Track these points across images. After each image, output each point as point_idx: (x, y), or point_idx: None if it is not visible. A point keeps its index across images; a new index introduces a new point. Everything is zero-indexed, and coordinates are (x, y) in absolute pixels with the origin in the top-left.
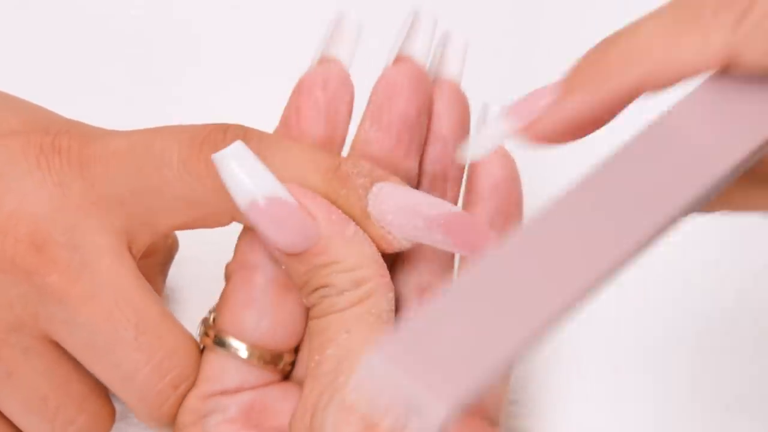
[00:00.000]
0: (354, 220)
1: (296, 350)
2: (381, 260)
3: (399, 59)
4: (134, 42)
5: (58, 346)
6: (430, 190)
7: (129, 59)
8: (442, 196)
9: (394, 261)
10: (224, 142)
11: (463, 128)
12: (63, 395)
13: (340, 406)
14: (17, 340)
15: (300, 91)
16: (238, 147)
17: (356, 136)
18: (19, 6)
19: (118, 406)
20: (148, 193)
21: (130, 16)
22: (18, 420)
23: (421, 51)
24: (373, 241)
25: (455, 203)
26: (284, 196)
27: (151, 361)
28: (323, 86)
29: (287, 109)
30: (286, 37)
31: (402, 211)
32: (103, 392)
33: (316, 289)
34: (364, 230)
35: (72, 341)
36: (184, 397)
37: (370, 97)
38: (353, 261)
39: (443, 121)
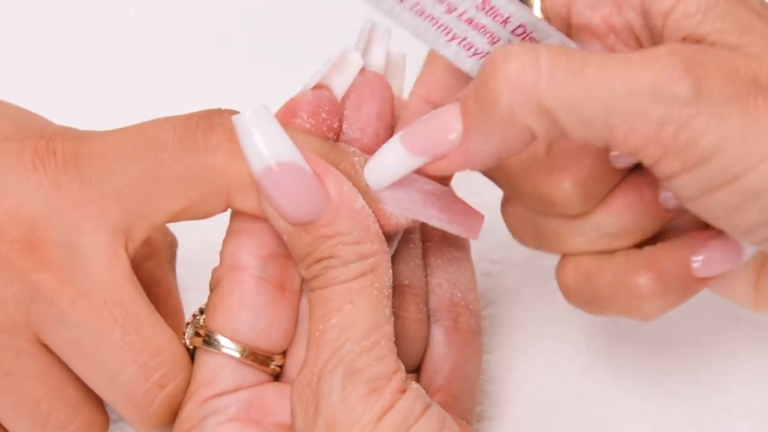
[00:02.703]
0: None
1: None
2: (383, 237)
3: (362, 72)
4: (133, 42)
5: (51, 350)
6: None
7: (128, 59)
8: None
9: None
10: (221, 118)
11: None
12: (56, 400)
13: (348, 371)
14: (10, 341)
15: (290, 113)
16: (259, 109)
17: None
18: (19, 6)
19: (113, 411)
20: (145, 181)
21: (129, 16)
22: (9, 424)
23: (377, 61)
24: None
25: None
26: (300, 163)
27: (138, 360)
28: (313, 111)
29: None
30: (286, 38)
31: (400, 187)
32: (97, 399)
33: (320, 260)
34: None
35: (60, 341)
36: (172, 397)
37: (342, 103)
38: (359, 234)
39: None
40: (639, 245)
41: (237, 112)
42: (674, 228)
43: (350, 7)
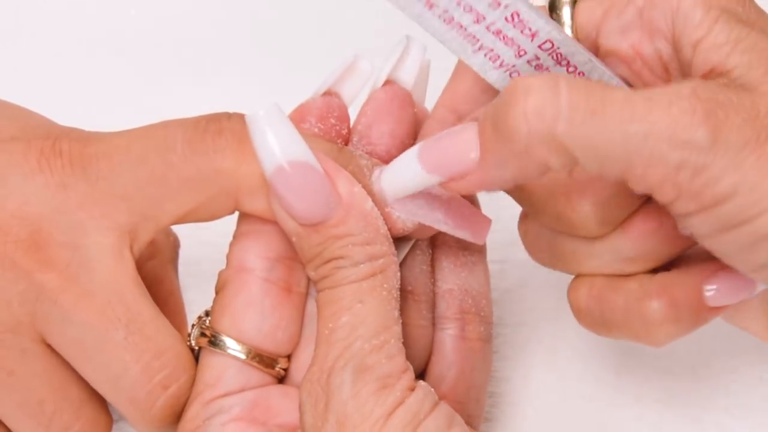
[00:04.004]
0: None
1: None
2: (392, 240)
3: (387, 82)
4: (134, 42)
5: (55, 351)
6: None
7: (129, 59)
8: None
9: None
10: (230, 121)
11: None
12: (60, 400)
13: (359, 367)
14: (15, 341)
15: (299, 117)
16: (272, 108)
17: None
18: (18, 6)
19: (114, 411)
20: (152, 183)
21: (129, 16)
22: (13, 424)
23: (407, 76)
24: None
25: None
26: (313, 163)
27: (140, 361)
28: (322, 116)
29: None
30: (289, 38)
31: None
32: (100, 400)
33: (329, 261)
34: None
35: (64, 341)
36: (175, 398)
37: (359, 117)
38: (369, 235)
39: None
40: (654, 270)
41: (244, 116)
42: (689, 255)
43: (356, 10)
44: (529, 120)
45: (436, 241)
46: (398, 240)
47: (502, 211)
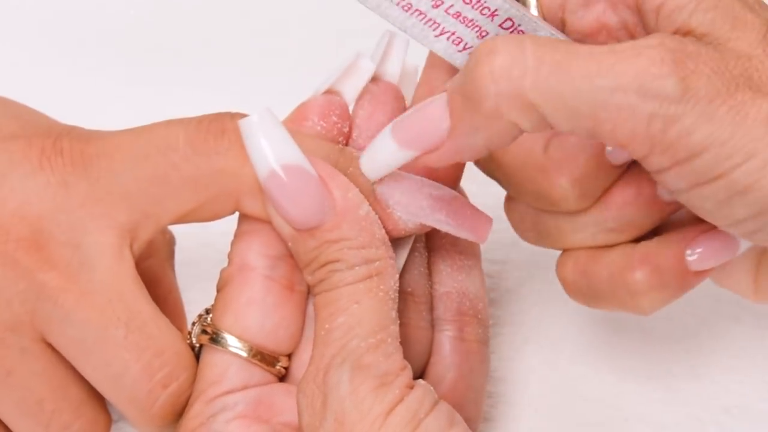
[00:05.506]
0: None
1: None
2: (389, 243)
3: (376, 78)
4: (134, 42)
5: (55, 349)
6: None
7: (129, 60)
8: None
9: None
10: (231, 122)
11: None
12: (60, 399)
13: (356, 365)
14: (15, 340)
15: (301, 116)
16: (265, 113)
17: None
18: (19, 6)
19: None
20: (154, 182)
21: (129, 16)
22: (12, 423)
23: (394, 71)
24: (380, 220)
25: None
26: (305, 166)
27: (141, 360)
28: (324, 114)
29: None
30: (288, 39)
31: (408, 191)
32: (99, 399)
33: (325, 264)
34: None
35: (64, 340)
36: (175, 397)
37: (355, 110)
38: (364, 239)
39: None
40: (637, 240)
41: (247, 115)
42: (671, 222)
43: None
44: (496, 79)
45: (432, 245)
46: (397, 242)
47: (501, 210)
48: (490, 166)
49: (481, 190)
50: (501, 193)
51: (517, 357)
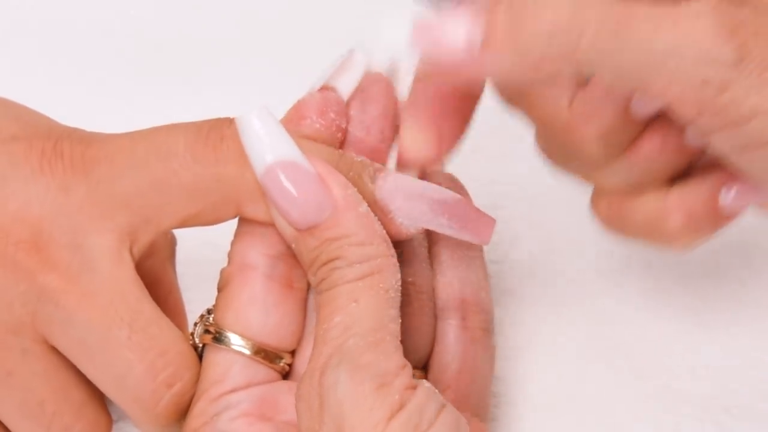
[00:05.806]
0: None
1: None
2: (389, 241)
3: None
4: (134, 42)
5: (56, 351)
6: None
7: (129, 60)
8: None
9: None
10: (230, 129)
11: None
12: (61, 400)
13: (353, 365)
14: (16, 342)
15: (299, 114)
16: (262, 110)
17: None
18: (19, 6)
19: (118, 408)
20: (154, 188)
21: (130, 16)
22: (13, 425)
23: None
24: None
25: None
26: (302, 162)
27: (144, 360)
28: (322, 111)
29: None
30: (288, 39)
31: (410, 196)
32: (101, 401)
33: (326, 263)
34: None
35: (67, 341)
36: (179, 396)
37: (349, 102)
38: (364, 236)
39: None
40: (668, 181)
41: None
42: (701, 164)
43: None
44: (554, 34)
45: (433, 236)
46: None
47: (501, 211)
48: (516, 110)
49: (482, 190)
50: (501, 193)
51: (518, 357)
